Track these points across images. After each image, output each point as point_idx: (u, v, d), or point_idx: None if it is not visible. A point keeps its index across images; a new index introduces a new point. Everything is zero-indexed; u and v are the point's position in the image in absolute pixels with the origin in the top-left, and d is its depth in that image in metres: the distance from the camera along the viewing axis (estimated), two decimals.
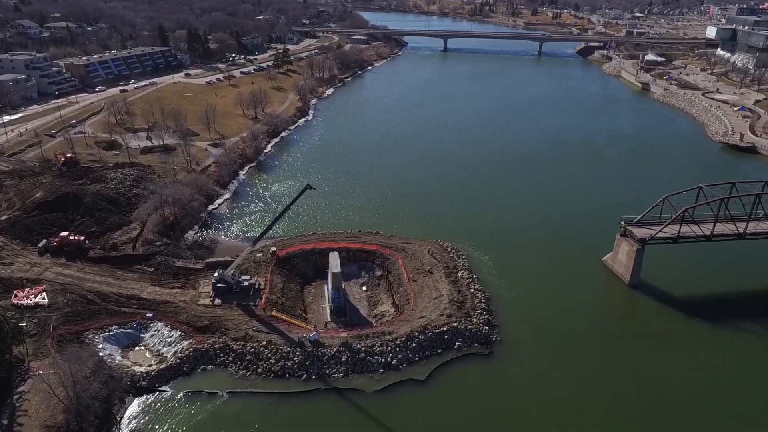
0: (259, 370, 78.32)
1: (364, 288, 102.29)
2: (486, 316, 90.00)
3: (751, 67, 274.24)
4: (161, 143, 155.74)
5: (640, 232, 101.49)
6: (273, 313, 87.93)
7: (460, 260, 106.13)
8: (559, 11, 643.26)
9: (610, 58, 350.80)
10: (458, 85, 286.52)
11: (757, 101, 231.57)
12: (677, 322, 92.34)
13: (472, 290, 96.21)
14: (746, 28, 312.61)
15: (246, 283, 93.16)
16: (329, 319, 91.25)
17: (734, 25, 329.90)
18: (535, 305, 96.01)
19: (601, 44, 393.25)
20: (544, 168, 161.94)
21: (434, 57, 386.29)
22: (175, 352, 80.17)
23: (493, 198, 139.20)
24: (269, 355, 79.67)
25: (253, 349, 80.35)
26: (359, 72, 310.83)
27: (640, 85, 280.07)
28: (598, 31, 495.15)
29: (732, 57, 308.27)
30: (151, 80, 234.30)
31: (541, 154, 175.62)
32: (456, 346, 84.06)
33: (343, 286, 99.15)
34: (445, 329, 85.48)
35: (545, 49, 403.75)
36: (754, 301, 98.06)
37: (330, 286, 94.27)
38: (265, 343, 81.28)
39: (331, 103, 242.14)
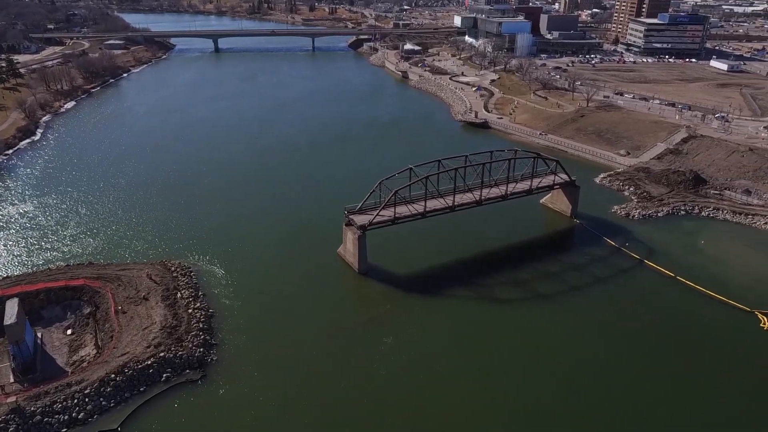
0: None
1: (69, 331, 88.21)
2: (203, 336, 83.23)
3: (489, 51, 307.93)
4: None
5: (361, 219, 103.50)
6: None
7: (184, 278, 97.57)
8: (335, 6, 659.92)
9: (376, 50, 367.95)
10: (226, 86, 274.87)
11: (492, 81, 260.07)
12: (399, 302, 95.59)
13: (191, 310, 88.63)
14: (483, 16, 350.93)
15: None
16: (12, 380, 76.42)
17: (474, 14, 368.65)
18: (264, 310, 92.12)
19: (370, 37, 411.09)
20: (295, 164, 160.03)
21: (204, 58, 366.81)
22: None
23: (234, 203, 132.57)
24: None
25: None
26: (112, 80, 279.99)
27: (400, 73, 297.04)
28: (370, 24, 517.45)
29: (475, 42, 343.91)
30: None
31: (298, 149, 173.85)
32: (163, 379, 75.95)
33: (38, 334, 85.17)
34: (150, 362, 76.63)
35: (319, 44, 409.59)
36: (465, 268, 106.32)
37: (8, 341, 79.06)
38: None
39: (70, 119, 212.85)
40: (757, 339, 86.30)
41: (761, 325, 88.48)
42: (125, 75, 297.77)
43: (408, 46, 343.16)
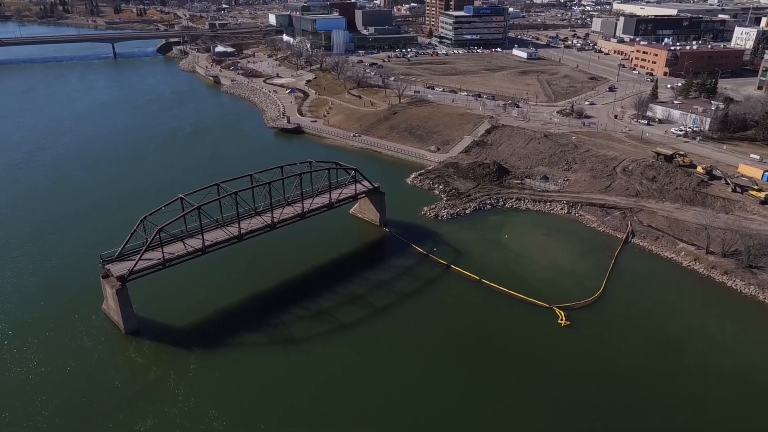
0: None
1: None
2: None
3: (305, 50, 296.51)
4: None
5: (120, 268, 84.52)
6: None
7: None
8: (145, 7, 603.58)
9: (187, 53, 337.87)
10: None
11: (308, 81, 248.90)
12: (173, 363, 78.99)
13: None
14: (298, 14, 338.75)
15: None
16: None
17: (289, 12, 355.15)
18: None
19: (179, 40, 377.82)
20: (63, 196, 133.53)
21: None
22: None
23: None
24: None
25: None
26: None
27: (211, 78, 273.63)
28: (183, 26, 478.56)
29: (292, 41, 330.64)
30: None
31: (70, 177, 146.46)
32: None
33: None
34: None
35: (122, 49, 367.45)
36: (259, 306, 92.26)
37: None
38: None
39: None
40: (555, 335, 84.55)
41: (559, 321, 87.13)
42: None
43: (220, 48, 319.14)
